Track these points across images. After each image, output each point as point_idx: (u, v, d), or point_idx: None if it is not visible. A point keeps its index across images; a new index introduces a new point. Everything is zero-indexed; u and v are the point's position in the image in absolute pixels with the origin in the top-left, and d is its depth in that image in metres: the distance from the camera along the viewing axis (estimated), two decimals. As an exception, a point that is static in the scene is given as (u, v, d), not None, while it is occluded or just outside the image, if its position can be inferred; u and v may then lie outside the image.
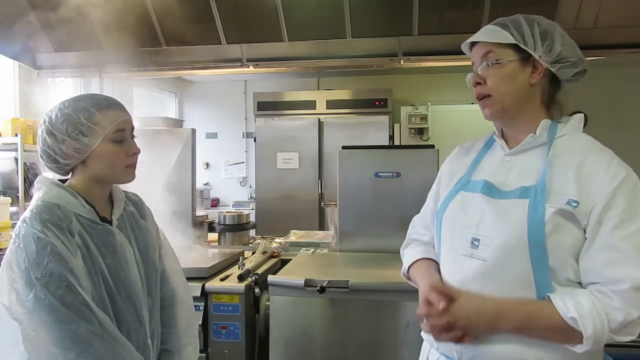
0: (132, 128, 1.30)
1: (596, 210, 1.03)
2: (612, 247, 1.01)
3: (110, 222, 1.28)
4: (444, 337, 1.11)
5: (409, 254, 1.38)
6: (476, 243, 1.13)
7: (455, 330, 1.08)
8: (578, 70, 1.15)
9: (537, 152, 1.15)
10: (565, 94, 1.20)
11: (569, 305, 1.00)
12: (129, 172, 1.28)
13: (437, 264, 1.28)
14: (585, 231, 1.05)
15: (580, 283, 1.06)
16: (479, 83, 1.17)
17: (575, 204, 1.04)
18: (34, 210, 1.17)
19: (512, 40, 1.13)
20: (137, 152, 1.29)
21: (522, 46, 1.13)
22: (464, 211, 1.19)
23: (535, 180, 1.10)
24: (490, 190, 1.15)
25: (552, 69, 1.13)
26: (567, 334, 1.01)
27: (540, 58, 1.13)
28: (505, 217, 1.09)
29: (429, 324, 1.13)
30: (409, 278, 1.38)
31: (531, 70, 1.14)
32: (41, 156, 1.26)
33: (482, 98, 1.17)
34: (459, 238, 1.17)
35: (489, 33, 1.17)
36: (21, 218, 1.17)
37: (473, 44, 1.21)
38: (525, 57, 1.13)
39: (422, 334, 1.28)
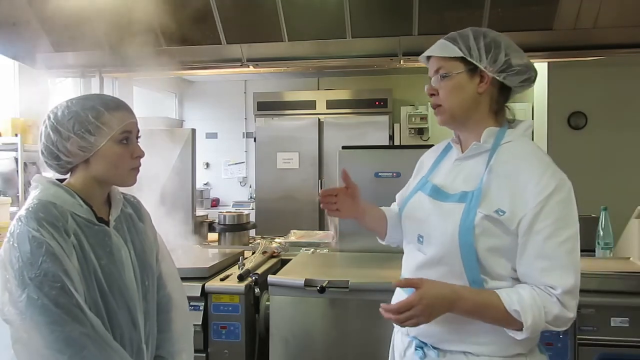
0: (138, 131, 1.28)
1: (527, 219, 1.13)
2: (545, 256, 1.12)
3: (107, 223, 1.26)
4: (409, 324, 1.16)
5: None
6: (421, 239, 1.27)
7: (419, 316, 1.13)
8: (525, 77, 1.23)
9: (482, 158, 1.23)
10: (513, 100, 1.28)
11: (513, 298, 1.12)
12: (132, 175, 1.27)
13: (384, 215, 1.50)
14: (517, 236, 1.15)
15: (512, 278, 1.18)
16: (432, 94, 1.26)
17: (502, 213, 1.14)
18: (30, 209, 1.15)
19: (459, 53, 1.21)
20: (142, 155, 1.27)
21: (468, 58, 1.21)
22: (416, 210, 1.32)
23: (475, 186, 1.20)
24: (437, 193, 1.27)
25: (498, 77, 1.22)
26: (510, 321, 1.13)
27: (485, 69, 1.21)
28: (443, 219, 1.21)
29: (401, 317, 1.15)
30: None
31: (479, 80, 1.22)
32: (42, 152, 1.23)
33: (435, 107, 1.27)
34: (410, 233, 1.33)
35: (440, 47, 1.25)
36: (16, 216, 1.15)
37: (429, 56, 1.29)
38: (473, 69, 1.22)
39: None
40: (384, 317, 1.19)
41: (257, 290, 2.09)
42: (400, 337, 1.35)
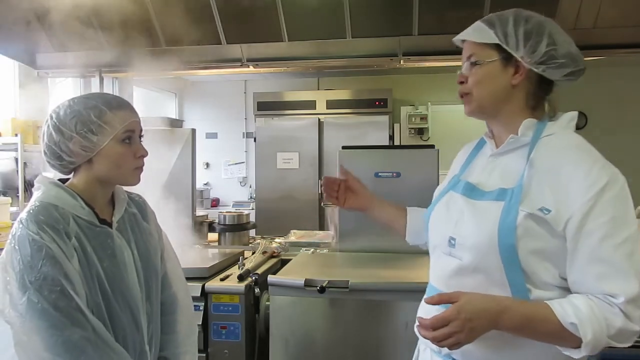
0: (141, 130, 1.28)
1: (575, 219, 0.99)
2: (602, 260, 0.98)
3: (110, 224, 1.25)
4: (447, 343, 1.02)
5: None
6: (453, 242, 1.14)
7: (458, 334, 1.00)
8: (570, 70, 1.09)
9: (520, 153, 1.11)
10: (556, 94, 1.16)
11: (568, 310, 0.98)
12: (135, 174, 1.26)
13: (404, 213, 1.50)
14: (565, 238, 1.01)
15: (560, 287, 1.04)
16: (462, 82, 1.16)
17: (547, 212, 1.01)
18: (31, 211, 1.15)
19: (494, 40, 1.10)
20: (145, 154, 1.27)
21: (503, 46, 1.09)
22: (447, 210, 1.20)
23: (514, 182, 1.08)
24: (471, 191, 1.16)
25: (536, 70, 1.09)
26: (565, 337, 0.98)
27: (522, 59, 1.09)
28: (479, 219, 1.09)
29: (437, 335, 1.02)
30: None
31: (513, 71, 1.10)
32: (45, 152, 1.23)
33: (462, 95, 1.17)
34: (440, 236, 1.20)
35: (475, 31, 1.14)
36: (18, 218, 1.15)
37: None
38: (508, 57, 1.10)
39: (415, 328, 1.28)
40: (420, 334, 1.05)
41: (257, 290, 2.09)
42: (430, 356, 1.21)
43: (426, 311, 1.15)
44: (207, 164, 6.21)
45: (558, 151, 1.07)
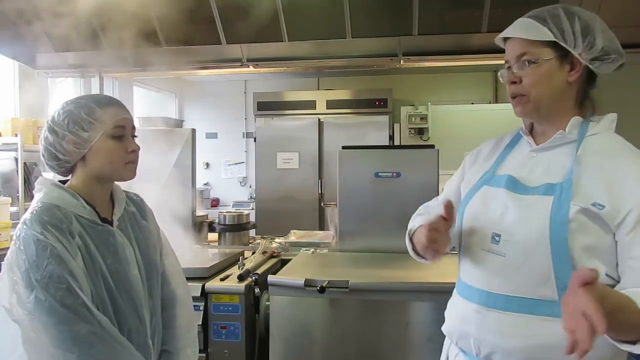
0: (133, 127, 1.31)
1: (632, 216, 0.99)
2: None
3: (110, 223, 1.28)
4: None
5: (414, 222, 1.36)
6: (497, 238, 1.11)
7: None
8: (618, 64, 1.12)
9: (565, 149, 1.11)
10: (598, 90, 1.15)
11: None
12: (129, 169, 1.29)
13: None
14: (614, 234, 1.01)
15: (608, 285, 1.00)
16: (513, 82, 1.12)
17: (601, 207, 1.00)
18: (34, 212, 1.18)
19: (551, 37, 1.07)
20: (137, 149, 1.29)
21: (561, 43, 1.07)
22: (486, 206, 1.16)
23: (561, 178, 1.07)
24: (515, 185, 1.13)
25: (591, 66, 1.09)
26: (637, 330, 0.92)
27: (580, 56, 1.08)
28: (527, 213, 1.07)
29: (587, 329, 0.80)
30: (412, 242, 1.32)
31: (569, 68, 1.09)
32: (43, 154, 1.27)
33: (515, 96, 1.13)
34: (480, 233, 1.15)
35: (526, 28, 1.10)
36: (21, 220, 1.18)
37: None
38: (564, 55, 1.08)
39: (443, 328, 1.25)
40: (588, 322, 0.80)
41: (257, 290, 2.09)
42: None
43: (458, 307, 1.15)
44: (207, 164, 6.21)
45: (608, 150, 1.08)
